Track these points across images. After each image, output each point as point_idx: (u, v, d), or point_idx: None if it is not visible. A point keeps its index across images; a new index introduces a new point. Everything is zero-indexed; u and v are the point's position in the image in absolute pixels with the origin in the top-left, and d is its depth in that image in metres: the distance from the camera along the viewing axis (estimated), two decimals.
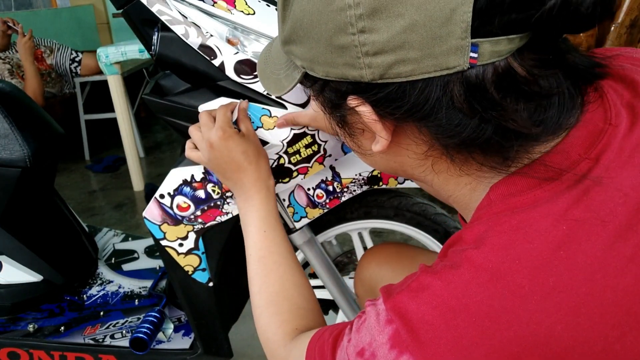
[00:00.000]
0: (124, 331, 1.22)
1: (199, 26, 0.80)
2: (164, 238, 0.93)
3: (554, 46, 0.41)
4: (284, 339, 0.65)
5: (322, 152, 0.86)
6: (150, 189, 1.03)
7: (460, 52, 0.38)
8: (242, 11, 0.84)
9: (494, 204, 0.46)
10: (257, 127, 0.83)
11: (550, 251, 0.40)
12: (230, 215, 0.90)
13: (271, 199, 0.78)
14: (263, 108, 0.83)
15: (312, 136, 0.85)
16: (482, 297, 0.41)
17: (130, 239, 1.57)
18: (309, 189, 0.97)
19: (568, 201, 0.42)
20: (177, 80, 0.86)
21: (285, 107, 0.83)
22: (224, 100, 0.83)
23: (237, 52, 0.81)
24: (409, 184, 0.99)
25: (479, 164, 0.46)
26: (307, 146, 0.85)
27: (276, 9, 0.89)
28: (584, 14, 0.36)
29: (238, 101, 0.82)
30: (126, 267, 1.44)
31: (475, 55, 0.38)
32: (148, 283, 1.36)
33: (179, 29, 0.80)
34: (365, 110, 0.45)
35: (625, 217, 0.41)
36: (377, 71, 0.42)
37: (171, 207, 0.89)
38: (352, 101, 0.46)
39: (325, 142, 0.86)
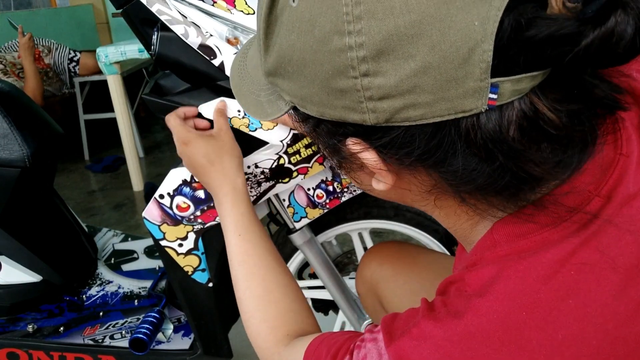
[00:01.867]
0: (123, 332, 1.21)
1: (198, 26, 0.80)
2: (164, 238, 0.92)
3: (579, 80, 0.36)
4: (276, 345, 0.63)
5: (322, 152, 0.86)
6: (150, 188, 1.03)
7: (479, 94, 0.34)
8: (241, 11, 0.83)
9: (499, 246, 0.43)
10: (257, 128, 0.83)
11: (559, 300, 0.38)
12: None
13: (241, 200, 0.73)
14: None
15: None
16: (488, 350, 0.39)
17: (129, 239, 1.57)
18: (309, 189, 0.97)
19: (577, 243, 0.39)
20: (176, 80, 0.86)
21: None
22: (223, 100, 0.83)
23: (237, 52, 0.81)
24: None
25: (489, 204, 0.42)
26: (307, 146, 0.85)
27: None
28: (620, 53, 0.32)
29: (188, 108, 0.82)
30: (126, 267, 1.44)
31: (494, 96, 0.34)
32: (147, 283, 1.36)
33: (178, 29, 0.80)
34: (370, 158, 0.41)
35: (636, 258, 0.38)
36: (382, 116, 0.37)
37: (171, 208, 0.89)
38: (354, 146, 0.41)
39: None
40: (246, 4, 0.84)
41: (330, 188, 0.97)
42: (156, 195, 0.89)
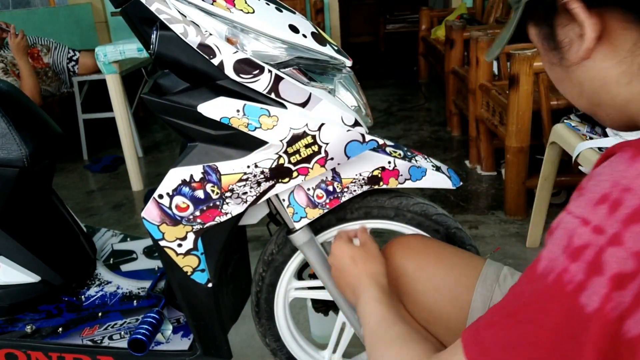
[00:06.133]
0: (122, 332, 1.21)
1: (197, 25, 0.80)
2: (163, 238, 0.92)
3: None
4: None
5: (323, 154, 0.86)
6: (150, 192, 1.03)
7: None
8: (241, 10, 0.83)
9: None
10: (256, 127, 0.82)
11: None
12: (229, 216, 0.90)
13: (387, 295, 0.77)
14: (262, 108, 0.82)
15: (313, 136, 0.84)
16: None
17: (128, 239, 1.56)
18: (308, 189, 0.97)
19: None
20: (176, 80, 0.86)
21: (285, 107, 0.83)
22: (223, 100, 0.83)
23: (237, 51, 0.81)
24: (409, 185, 0.99)
25: None
26: (307, 146, 0.84)
27: (276, 8, 0.88)
28: None
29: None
30: (125, 267, 1.43)
31: None
32: (147, 284, 1.35)
33: (177, 28, 0.79)
34: (576, 7, 0.47)
35: None
36: None
37: (170, 208, 0.89)
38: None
39: (327, 144, 0.85)
40: (246, 2, 0.84)
41: (330, 188, 0.97)
42: (155, 195, 0.88)
